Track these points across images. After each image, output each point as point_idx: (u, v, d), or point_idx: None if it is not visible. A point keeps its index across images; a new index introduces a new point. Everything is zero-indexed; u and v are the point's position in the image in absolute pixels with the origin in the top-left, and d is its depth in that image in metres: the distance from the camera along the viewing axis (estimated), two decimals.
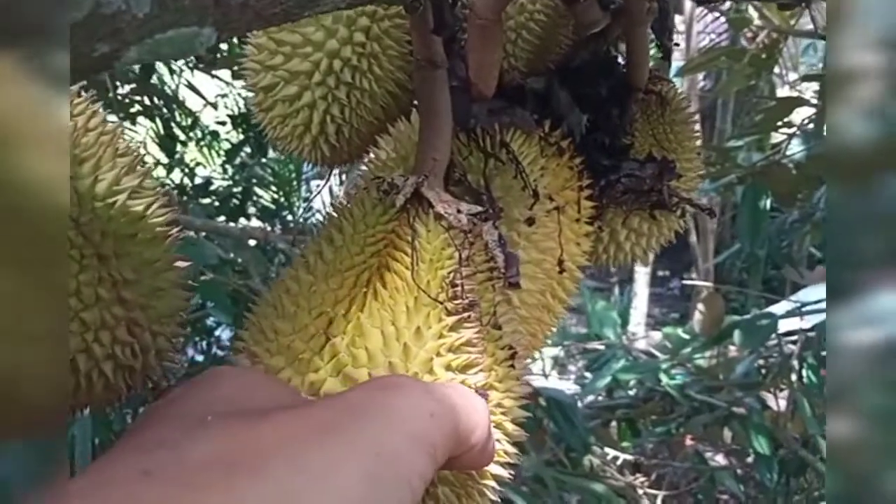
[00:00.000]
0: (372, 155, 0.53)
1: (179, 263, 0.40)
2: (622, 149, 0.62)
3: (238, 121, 2.46)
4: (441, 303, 0.39)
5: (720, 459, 2.31)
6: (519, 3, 0.58)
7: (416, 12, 0.39)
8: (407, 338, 0.38)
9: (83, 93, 0.40)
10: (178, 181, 2.42)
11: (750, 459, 1.99)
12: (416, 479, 0.30)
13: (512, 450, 0.40)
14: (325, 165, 0.58)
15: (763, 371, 1.97)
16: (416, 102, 0.52)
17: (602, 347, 2.15)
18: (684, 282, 4.07)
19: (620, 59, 0.64)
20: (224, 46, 1.87)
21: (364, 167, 0.55)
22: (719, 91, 2.14)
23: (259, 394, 0.33)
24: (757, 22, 1.82)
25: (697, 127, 0.69)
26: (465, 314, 0.40)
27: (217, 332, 2.09)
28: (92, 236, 0.35)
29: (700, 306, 1.93)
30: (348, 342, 0.39)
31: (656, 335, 3.04)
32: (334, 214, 0.45)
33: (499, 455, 0.39)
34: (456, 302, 0.40)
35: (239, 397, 0.32)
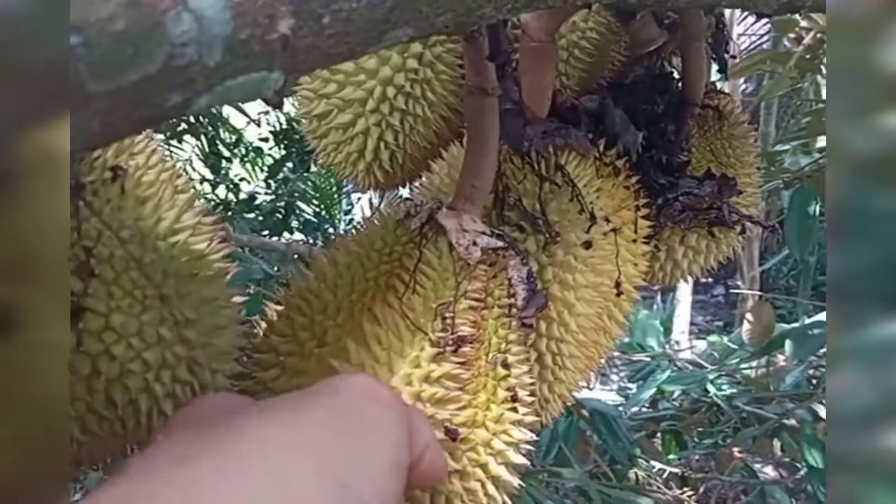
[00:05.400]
0: (425, 179, 0.52)
1: (236, 299, 0.40)
2: (679, 166, 0.61)
3: (280, 137, 2.49)
4: (425, 332, 0.39)
5: (769, 472, 2.25)
6: (571, 22, 0.57)
7: (475, 42, 0.38)
8: (383, 360, 0.38)
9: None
10: (223, 196, 2.46)
11: (802, 473, 1.93)
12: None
13: (496, 494, 0.39)
14: (379, 190, 0.57)
15: (813, 381, 1.91)
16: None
17: (647, 359, 2.11)
18: (730, 290, 4.00)
19: (675, 74, 0.62)
20: None
21: (416, 191, 0.54)
22: (763, 95, 2.09)
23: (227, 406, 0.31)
24: (803, 24, 1.77)
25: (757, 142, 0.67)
26: (451, 347, 0.38)
27: None
28: (154, 276, 0.35)
29: (748, 316, 1.88)
30: (332, 353, 0.39)
31: (700, 344, 2.97)
32: (360, 228, 0.46)
33: (475, 497, 0.38)
34: (442, 333, 0.39)
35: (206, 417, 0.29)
